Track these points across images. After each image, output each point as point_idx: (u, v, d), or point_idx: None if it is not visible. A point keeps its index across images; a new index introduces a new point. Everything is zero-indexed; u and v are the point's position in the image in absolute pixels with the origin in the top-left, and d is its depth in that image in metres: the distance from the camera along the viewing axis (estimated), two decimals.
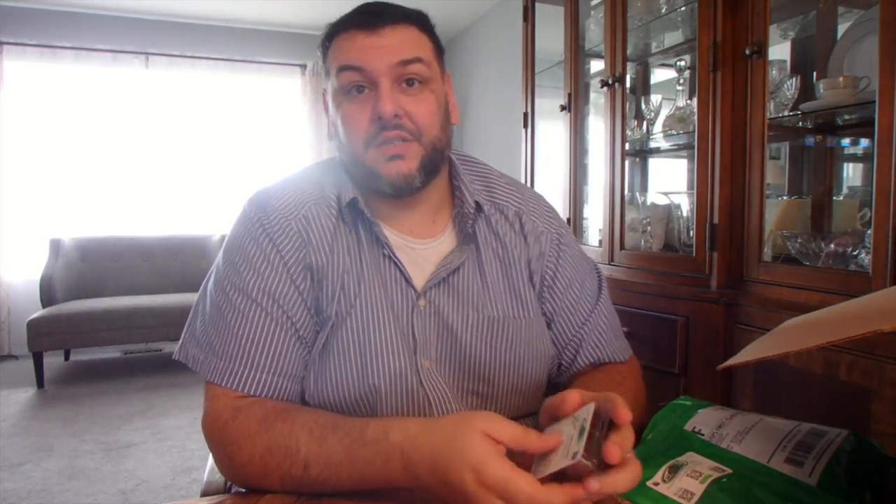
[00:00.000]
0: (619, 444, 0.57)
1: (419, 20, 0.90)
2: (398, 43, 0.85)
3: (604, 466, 0.57)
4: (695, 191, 1.75)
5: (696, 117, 1.75)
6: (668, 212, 2.11)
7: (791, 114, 1.66)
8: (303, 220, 0.88)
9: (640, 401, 0.93)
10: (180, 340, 0.89)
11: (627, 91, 2.15)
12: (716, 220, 1.68)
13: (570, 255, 1.00)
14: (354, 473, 0.68)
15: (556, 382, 1.00)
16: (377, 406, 0.85)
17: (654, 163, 2.61)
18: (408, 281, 0.89)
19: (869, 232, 1.35)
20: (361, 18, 0.86)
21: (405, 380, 0.85)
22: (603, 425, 0.58)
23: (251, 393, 0.81)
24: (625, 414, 0.58)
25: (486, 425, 0.61)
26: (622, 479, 0.57)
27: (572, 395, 0.64)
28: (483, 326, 0.91)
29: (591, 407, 0.59)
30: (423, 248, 0.93)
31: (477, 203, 0.94)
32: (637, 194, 2.41)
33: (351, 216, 0.91)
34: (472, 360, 0.90)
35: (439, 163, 0.91)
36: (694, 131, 1.76)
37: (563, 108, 2.45)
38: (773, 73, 1.69)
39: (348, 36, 0.86)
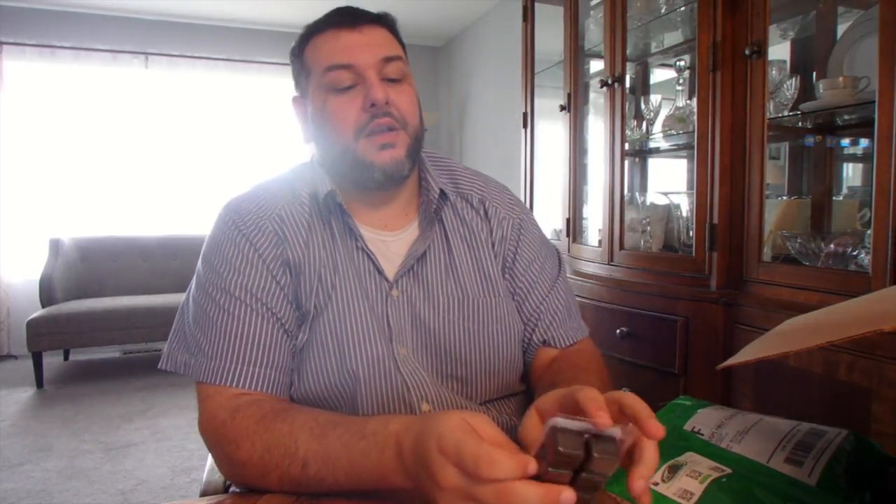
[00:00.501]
0: (643, 477, 0.53)
1: (389, 23, 0.95)
2: (380, 41, 0.90)
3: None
4: (694, 191, 1.75)
5: (695, 117, 1.75)
6: (668, 212, 2.11)
7: (791, 114, 1.66)
8: (277, 220, 0.91)
9: (606, 381, 0.94)
10: (166, 349, 0.90)
11: (627, 91, 2.15)
12: (715, 220, 1.68)
13: (529, 239, 1.04)
14: (351, 469, 0.68)
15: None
16: (357, 392, 0.86)
17: (653, 163, 2.61)
18: (380, 272, 0.92)
19: (869, 232, 1.35)
20: (340, 19, 0.91)
21: (383, 365, 0.88)
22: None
23: (245, 388, 0.82)
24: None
25: (470, 416, 0.58)
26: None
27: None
28: (454, 309, 0.94)
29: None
30: (393, 239, 0.97)
31: (442, 191, 0.98)
32: (637, 194, 2.41)
33: (325, 211, 0.93)
34: (447, 344, 0.92)
35: (419, 153, 0.96)
36: (693, 131, 1.76)
37: (562, 108, 2.45)
38: (773, 73, 1.69)
39: (331, 35, 0.90)
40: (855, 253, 1.47)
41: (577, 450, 0.48)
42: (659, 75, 2.60)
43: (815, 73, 1.75)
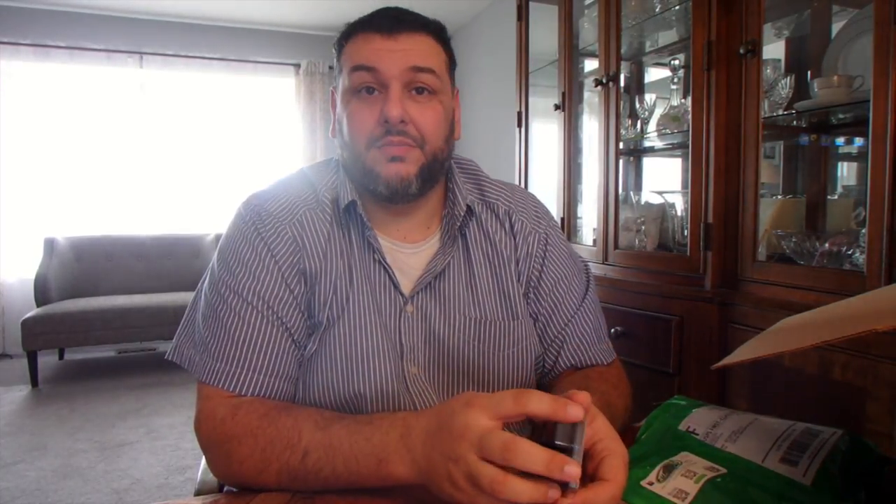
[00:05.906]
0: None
1: (436, 31, 0.90)
2: (413, 49, 0.85)
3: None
4: (689, 190, 1.75)
5: (690, 116, 1.75)
6: (663, 211, 2.11)
7: (785, 113, 1.66)
8: (297, 226, 0.88)
9: (628, 406, 0.92)
10: (174, 341, 0.89)
11: (621, 90, 2.15)
12: (710, 220, 1.68)
13: (556, 256, 1.00)
14: (350, 455, 0.68)
15: (541, 384, 0.99)
16: (362, 411, 0.85)
17: (648, 162, 2.61)
18: (396, 287, 0.90)
19: (863, 231, 1.35)
20: (380, 21, 0.86)
21: (390, 386, 0.86)
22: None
23: (246, 393, 0.81)
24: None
25: (486, 402, 0.58)
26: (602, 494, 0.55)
27: (582, 396, 0.59)
28: (470, 329, 0.91)
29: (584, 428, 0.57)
30: (413, 251, 0.94)
31: (468, 206, 0.95)
32: (631, 193, 2.41)
33: (346, 219, 0.91)
34: (462, 364, 0.90)
35: (438, 173, 0.92)
36: (688, 130, 1.76)
37: (557, 107, 2.45)
38: (768, 71, 1.69)
39: (365, 37, 0.86)
40: (850, 252, 1.47)
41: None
42: (653, 74, 2.60)
43: (809, 72, 1.75)
